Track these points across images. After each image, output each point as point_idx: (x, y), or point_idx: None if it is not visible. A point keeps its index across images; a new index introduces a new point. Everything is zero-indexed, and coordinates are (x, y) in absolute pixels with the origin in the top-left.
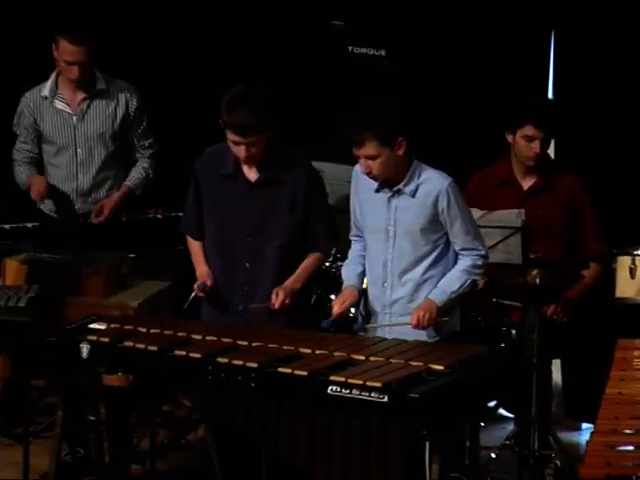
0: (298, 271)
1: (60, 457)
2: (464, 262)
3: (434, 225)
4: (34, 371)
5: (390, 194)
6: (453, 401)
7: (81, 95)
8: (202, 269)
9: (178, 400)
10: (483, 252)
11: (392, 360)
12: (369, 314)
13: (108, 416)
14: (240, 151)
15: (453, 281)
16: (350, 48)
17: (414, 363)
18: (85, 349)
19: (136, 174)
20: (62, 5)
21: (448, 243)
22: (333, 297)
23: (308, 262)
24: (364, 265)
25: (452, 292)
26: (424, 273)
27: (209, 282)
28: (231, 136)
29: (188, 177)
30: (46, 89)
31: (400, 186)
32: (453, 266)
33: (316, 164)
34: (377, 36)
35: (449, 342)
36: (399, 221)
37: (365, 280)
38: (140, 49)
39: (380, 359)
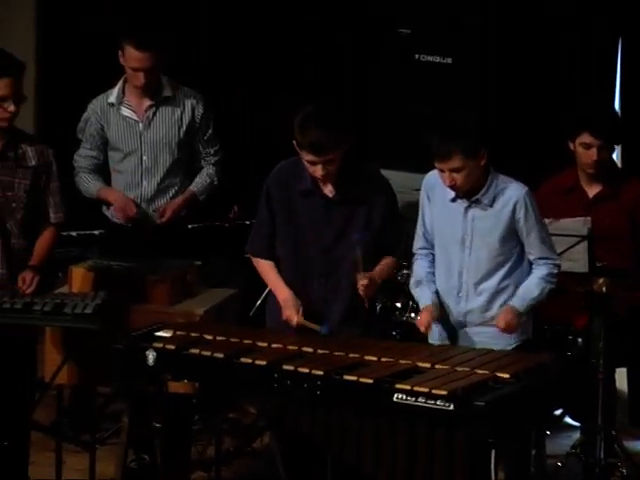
0: (377, 268)
1: (126, 464)
2: (540, 270)
3: (510, 234)
4: (100, 378)
5: (467, 204)
6: (519, 409)
7: (147, 102)
8: (285, 294)
9: (244, 407)
10: (558, 261)
11: (458, 368)
12: (444, 324)
13: (173, 423)
14: (317, 170)
15: (532, 288)
16: (416, 56)
17: (480, 371)
18: (151, 356)
19: (201, 180)
20: (128, 11)
21: (522, 253)
22: (399, 305)
23: (386, 261)
24: (435, 282)
25: (532, 299)
26: (499, 283)
27: (300, 309)
28: (307, 156)
29: (253, 184)
30: (113, 96)
31: (478, 196)
32: (527, 276)
33: (381, 172)
34: (444, 44)
35: (522, 349)
36: (476, 231)
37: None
38: (210, 57)
39: (446, 367)
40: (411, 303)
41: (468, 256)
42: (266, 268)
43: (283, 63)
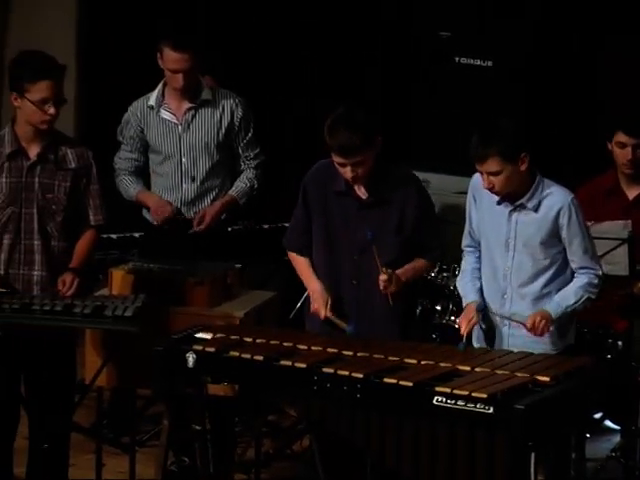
0: (406, 267)
1: (166, 466)
2: (581, 279)
3: (554, 239)
4: (140, 380)
5: (511, 208)
6: (558, 412)
7: (186, 105)
8: (315, 285)
9: (283, 410)
10: (600, 272)
11: (498, 371)
12: (488, 326)
13: (213, 425)
14: (347, 172)
15: (569, 295)
16: (457, 59)
17: (520, 374)
18: (191, 358)
19: (240, 184)
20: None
21: (567, 259)
22: (438, 307)
23: (416, 263)
24: (480, 279)
25: (567, 306)
26: (542, 288)
27: (329, 301)
28: (336, 158)
29: (292, 186)
30: (152, 99)
31: (523, 201)
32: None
33: (422, 174)
34: (484, 47)
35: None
36: (519, 234)
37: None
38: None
39: (486, 370)
40: (451, 306)
41: (512, 259)
42: (301, 262)
43: (325, 66)
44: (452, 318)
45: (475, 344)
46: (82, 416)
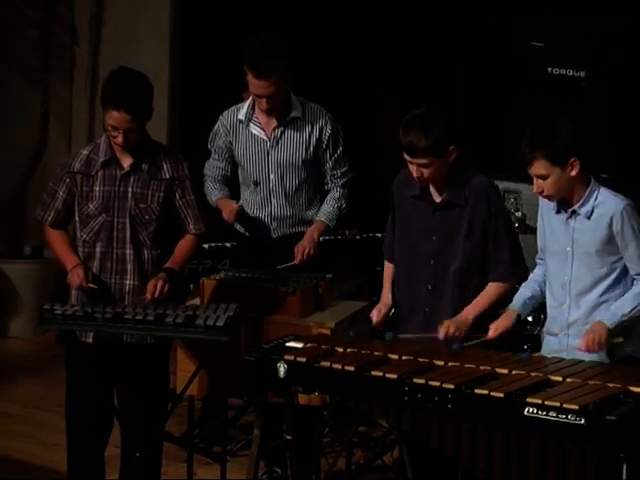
0: (476, 300)
1: (257, 476)
2: (638, 287)
3: (610, 247)
4: (232, 390)
5: (567, 215)
6: None
7: (275, 121)
8: (384, 295)
9: (374, 420)
10: None
11: (589, 382)
12: (550, 335)
13: (304, 436)
14: (413, 171)
15: (625, 304)
16: (549, 69)
17: (611, 385)
18: (282, 368)
19: (328, 207)
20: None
21: (626, 268)
22: (530, 319)
23: (488, 292)
24: (536, 290)
25: (623, 315)
26: (600, 296)
27: (383, 310)
28: (405, 155)
29: (383, 196)
30: (242, 112)
31: (575, 207)
32: None
33: (513, 185)
34: (577, 57)
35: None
36: (577, 243)
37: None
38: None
39: (577, 380)
40: (542, 317)
41: (570, 267)
42: (385, 269)
43: (416, 76)
44: (544, 329)
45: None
46: (173, 425)
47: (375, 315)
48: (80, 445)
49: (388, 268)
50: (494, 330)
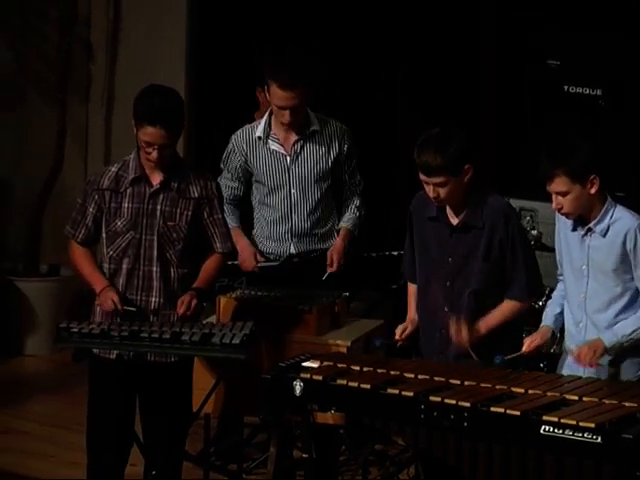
0: (491, 313)
1: None
2: None
3: (624, 266)
4: (248, 408)
5: (583, 232)
6: None
7: (295, 136)
8: (410, 314)
9: (390, 438)
10: None
11: (605, 400)
12: (568, 351)
13: (320, 454)
14: (429, 191)
15: (627, 325)
16: (566, 87)
17: (628, 404)
18: (298, 386)
19: (350, 215)
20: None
21: None
22: None
23: (502, 307)
24: (563, 306)
25: (623, 335)
26: (616, 316)
27: (408, 329)
28: (420, 175)
29: (399, 214)
30: (260, 129)
31: (591, 225)
32: None
33: (529, 204)
34: (593, 75)
35: None
36: (592, 260)
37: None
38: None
39: (594, 399)
40: (558, 335)
41: (586, 285)
42: (409, 289)
43: (434, 93)
44: (559, 347)
45: (564, 371)
46: (190, 443)
47: (399, 333)
48: (101, 463)
49: (411, 288)
50: (528, 345)
